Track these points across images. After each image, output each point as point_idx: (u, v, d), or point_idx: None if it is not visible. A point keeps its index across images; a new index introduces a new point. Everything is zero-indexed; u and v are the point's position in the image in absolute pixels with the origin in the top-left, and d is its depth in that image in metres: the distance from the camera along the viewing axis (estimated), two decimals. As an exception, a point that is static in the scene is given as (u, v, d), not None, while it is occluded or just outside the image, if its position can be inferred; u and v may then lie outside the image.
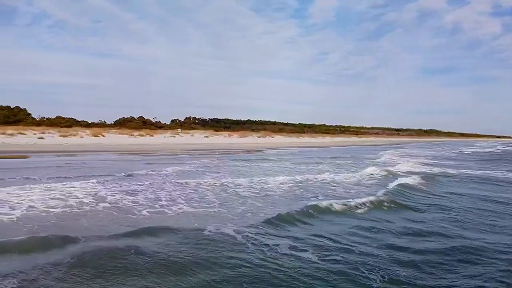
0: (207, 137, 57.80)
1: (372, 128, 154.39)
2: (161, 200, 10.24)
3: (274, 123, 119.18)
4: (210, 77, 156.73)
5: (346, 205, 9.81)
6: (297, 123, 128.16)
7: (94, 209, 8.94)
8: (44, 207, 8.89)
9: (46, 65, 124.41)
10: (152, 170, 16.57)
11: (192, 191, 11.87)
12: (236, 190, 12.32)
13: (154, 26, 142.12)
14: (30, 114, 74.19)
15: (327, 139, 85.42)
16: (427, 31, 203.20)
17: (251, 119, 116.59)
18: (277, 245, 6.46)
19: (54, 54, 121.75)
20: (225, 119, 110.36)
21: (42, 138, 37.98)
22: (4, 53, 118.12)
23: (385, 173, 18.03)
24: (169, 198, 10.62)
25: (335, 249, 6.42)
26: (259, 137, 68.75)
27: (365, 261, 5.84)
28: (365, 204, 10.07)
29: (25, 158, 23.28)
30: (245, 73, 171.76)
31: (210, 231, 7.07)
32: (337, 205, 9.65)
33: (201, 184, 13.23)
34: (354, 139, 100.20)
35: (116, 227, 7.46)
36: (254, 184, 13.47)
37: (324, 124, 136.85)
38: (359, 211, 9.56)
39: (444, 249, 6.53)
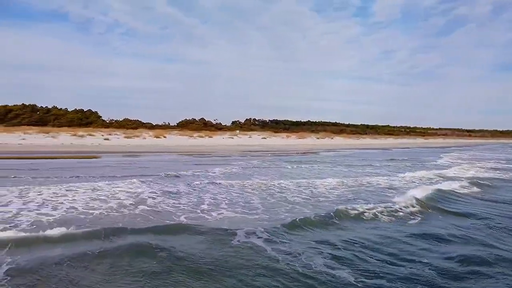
0: (264, 138, 57.36)
1: (440, 129, 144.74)
2: (204, 204, 9.63)
3: (335, 124, 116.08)
4: (271, 78, 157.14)
5: (387, 210, 9.20)
6: (359, 124, 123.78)
7: (132, 213, 8.50)
8: (83, 209, 8.66)
9: (118, 70, 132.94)
10: (200, 171, 16.21)
11: (238, 194, 11.16)
12: (283, 194, 11.40)
13: (216, 30, 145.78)
14: (101, 116, 78.93)
15: (389, 141, 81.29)
16: (502, 25, 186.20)
17: (311, 120, 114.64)
18: (311, 258, 5.57)
19: (125, 60, 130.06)
20: (284, 120, 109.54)
21: (107, 139, 39.92)
22: (81, 60, 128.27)
23: (436, 177, 16.73)
24: (212, 201, 9.99)
25: (376, 256, 5.99)
26: (317, 138, 67.01)
27: (412, 273, 5.31)
28: (402, 209, 9.37)
29: (86, 158, 24.22)
30: (306, 74, 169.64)
31: (239, 241, 6.43)
32: (373, 210, 9.03)
33: (248, 186, 12.52)
34: (419, 140, 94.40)
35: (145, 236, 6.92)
36: (303, 189, 12.42)
37: (388, 125, 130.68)
38: (398, 215, 8.94)
39: (485, 259, 5.94)
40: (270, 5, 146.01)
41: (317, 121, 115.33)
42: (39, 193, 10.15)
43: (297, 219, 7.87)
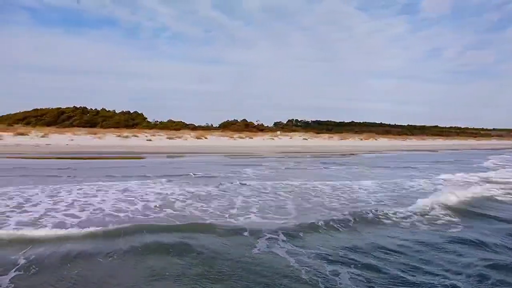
0: (305, 139, 56.22)
1: (494, 129, 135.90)
2: (234, 208, 9.07)
3: (380, 124, 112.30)
4: (314, 79, 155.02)
5: (425, 215, 8.72)
6: (406, 124, 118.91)
7: (157, 216, 8.14)
8: (110, 210, 8.43)
9: (164, 73, 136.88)
10: (234, 172, 15.77)
11: (271, 198, 10.53)
12: (319, 197, 10.60)
13: (259, 31, 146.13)
14: (146, 118, 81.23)
15: (438, 142, 77.12)
16: None
17: (355, 121, 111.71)
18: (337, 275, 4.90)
19: (171, 63, 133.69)
20: (327, 121, 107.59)
21: (150, 140, 40.75)
22: (130, 64, 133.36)
23: (480, 180, 15.56)
24: (243, 205, 9.43)
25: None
26: (361, 139, 64.83)
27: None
28: (440, 215, 8.81)
29: (125, 159, 24.56)
30: (350, 74, 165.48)
31: (259, 249, 5.93)
32: (410, 215, 8.61)
33: (281, 188, 11.88)
34: (470, 142, 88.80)
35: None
36: (340, 192, 11.56)
37: (437, 126, 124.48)
38: (436, 221, 8.36)
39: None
40: (313, 5, 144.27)
41: (361, 121, 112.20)
42: (69, 193, 10.12)
43: (322, 223, 7.33)
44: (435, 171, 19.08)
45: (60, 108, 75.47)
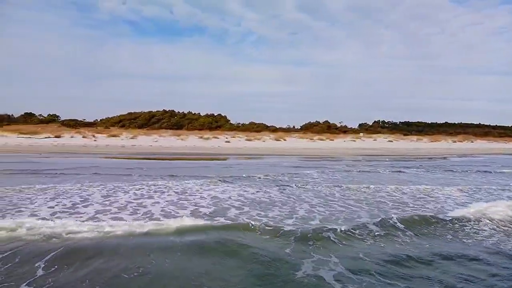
0: (390, 141, 52.48)
1: None
2: (292, 217, 7.85)
3: (478, 125, 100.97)
4: (403, 78, 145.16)
5: None
6: (509, 125, 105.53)
7: (206, 224, 7.28)
8: (159, 213, 7.83)
9: (249, 76, 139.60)
10: (302, 175, 14.51)
11: (341, 207, 9.03)
12: (393, 207, 8.85)
13: (344, 31, 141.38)
14: (229, 120, 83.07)
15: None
16: None
17: (448, 122, 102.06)
18: None
19: (256, 67, 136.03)
20: (417, 122, 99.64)
21: (228, 141, 41.19)
22: (217, 69, 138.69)
23: None
24: (305, 215, 8.11)
25: None
26: (454, 141, 58.68)
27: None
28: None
29: (197, 160, 24.69)
30: (444, 71, 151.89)
31: (305, 272, 4.50)
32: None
33: (352, 196, 10.36)
34: None
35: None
36: (424, 202, 9.63)
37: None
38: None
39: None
40: (401, 0, 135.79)
41: (456, 122, 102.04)
42: (125, 193, 9.85)
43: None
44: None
45: (151, 111, 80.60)
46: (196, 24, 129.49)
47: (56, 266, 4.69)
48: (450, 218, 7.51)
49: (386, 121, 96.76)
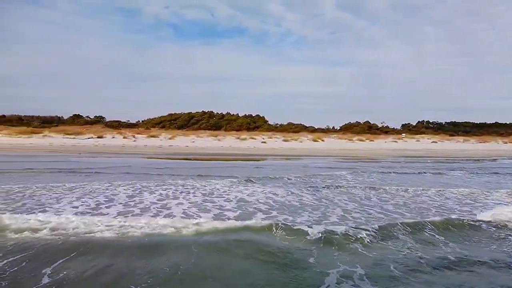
0: (434, 142, 50.01)
1: None
2: (322, 224, 7.20)
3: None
4: (449, 76, 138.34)
5: None
6: None
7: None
8: (181, 215, 7.51)
9: (288, 77, 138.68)
10: (337, 178, 13.79)
11: (378, 212, 8.26)
12: (437, 213, 7.91)
13: (387, 30, 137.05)
14: (267, 121, 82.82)
15: None
16: None
17: (499, 122, 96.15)
18: None
19: (296, 67, 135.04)
20: (464, 122, 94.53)
21: (264, 142, 40.81)
22: (256, 70, 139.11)
23: None
24: (336, 221, 7.46)
25: None
26: (504, 142, 55.01)
27: None
28: None
29: (227, 160, 24.43)
30: (494, 69, 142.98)
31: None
32: None
33: (389, 198, 9.58)
34: None
35: None
36: (468, 207, 8.59)
37: None
38: None
39: None
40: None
41: (507, 122, 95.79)
42: (151, 193, 9.67)
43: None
44: None
45: (191, 112, 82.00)
46: (236, 26, 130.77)
47: (69, 268, 4.47)
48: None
49: (431, 122, 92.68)
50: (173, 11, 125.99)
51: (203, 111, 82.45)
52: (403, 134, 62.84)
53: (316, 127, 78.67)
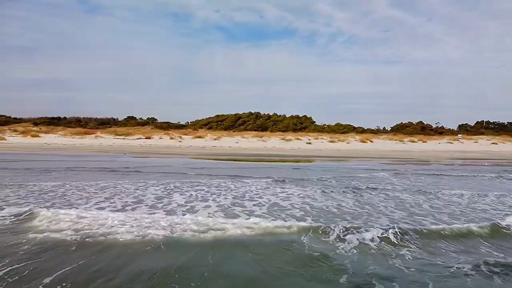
0: (495, 144, 46.27)
1: None
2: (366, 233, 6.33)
3: None
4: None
5: None
6: None
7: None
8: (198, 224, 6.99)
9: (338, 77, 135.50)
10: (380, 181, 12.69)
11: (431, 223, 7.25)
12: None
13: (443, 26, 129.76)
14: (314, 122, 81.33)
15: None
16: None
17: None
18: None
19: (346, 67, 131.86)
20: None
21: (310, 143, 39.75)
22: (306, 71, 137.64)
23: None
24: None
25: None
26: None
27: None
28: None
29: (268, 161, 23.79)
30: None
31: None
32: None
33: (442, 205, 8.46)
34: None
35: None
36: None
37: None
38: None
39: None
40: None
41: None
42: (181, 194, 9.27)
43: None
44: None
45: (238, 113, 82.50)
46: (286, 27, 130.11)
47: (89, 270, 4.28)
48: None
49: (491, 122, 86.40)
50: (223, 14, 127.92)
51: (249, 112, 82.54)
52: (459, 135, 58.89)
53: (366, 128, 75.99)
